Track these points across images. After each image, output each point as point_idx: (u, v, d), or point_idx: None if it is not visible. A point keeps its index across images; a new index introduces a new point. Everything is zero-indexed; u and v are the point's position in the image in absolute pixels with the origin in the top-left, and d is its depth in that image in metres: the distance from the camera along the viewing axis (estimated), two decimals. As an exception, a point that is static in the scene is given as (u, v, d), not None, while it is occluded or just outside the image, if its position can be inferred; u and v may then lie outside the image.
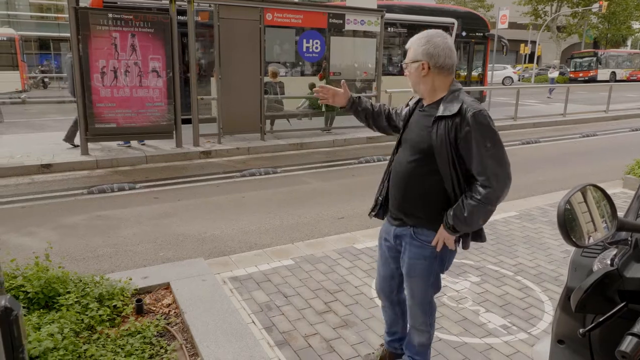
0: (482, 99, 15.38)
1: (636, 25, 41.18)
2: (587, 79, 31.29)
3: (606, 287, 1.19)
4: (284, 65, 12.13)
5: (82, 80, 7.32)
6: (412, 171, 2.03)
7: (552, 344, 1.50)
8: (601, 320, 1.15)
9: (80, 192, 6.11)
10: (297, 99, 11.15)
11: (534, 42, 34.13)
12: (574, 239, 1.13)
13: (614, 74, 32.77)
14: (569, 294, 1.33)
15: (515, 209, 5.29)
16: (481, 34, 14.93)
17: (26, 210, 5.40)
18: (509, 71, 31.55)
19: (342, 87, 2.31)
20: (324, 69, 11.22)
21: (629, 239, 1.26)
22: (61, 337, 2.44)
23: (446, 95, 1.97)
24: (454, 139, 1.89)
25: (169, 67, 7.82)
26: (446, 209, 1.99)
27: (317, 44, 9.80)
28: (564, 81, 31.80)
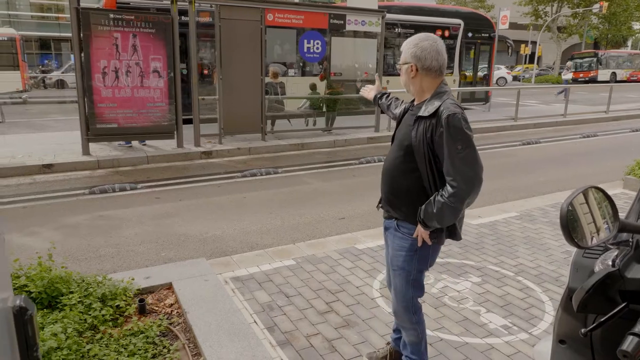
0: (487, 99, 15.44)
1: (636, 25, 41.17)
2: (587, 79, 31.30)
3: (607, 288, 1.20)
4: (290, 66, 12.10)
5: (83, 80, 7.34)
6: (397, 167, 2.15)
7: (553, 343, 1.51)
8: (602, 320, 1.16)
9: (82, 192, 6.13)
10: (300, 99, 11.17)
11: (534, 43, 34.15)
12: (577, 240, 1.14)
13: (614, 74, 32.78)
14: (571, 295, 1.34)
15: (515, 209, 5.31)
16: (487, 35, 14.96)
17: (28, 210, 5.42)
18: (503, 72, 31.59)
19: (376, 80, 2.77)
20: (325, 70, 11.24)
21: (630, 240, 1.28)
22: (65, 337, 2.46)
23: (431, 96, 2.07)
24: (430, 139, 1.98)
25: (170, 68, 7.83)
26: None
27: (317, 44, 9.82)
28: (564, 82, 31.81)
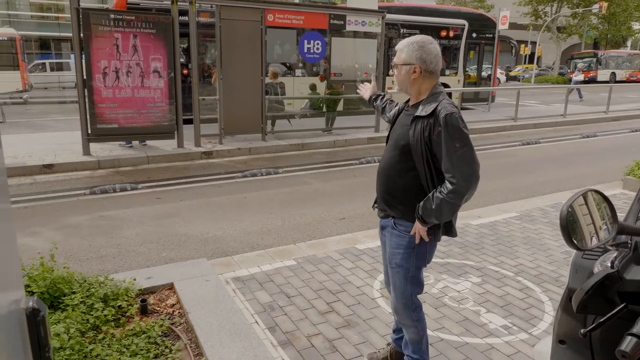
0: (492, 99, 15.55)
1: (636, 26, 41.19)
2: (587, 79, 31.31)
3: (606, 289, 1.21)
4: (296, 66, 12.06)
5: (84, 80, 7.36)
6: (394, 167, 2.19)
7: (553, 343, 1.53)
8: (602, 321, 1.18)
9: (82, 192, 6.14)
10: (302, 100, 11.18)
11: (534, 43, 34.17)
12: (576, 243, 1.15)
13: (613, 74, 32.81)
14: (571, 295, 1.35)
15: (515, 209, 5.32)
16: (490, 35, 15.02)
17: (29, 210, 5.43)
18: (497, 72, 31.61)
19: (372, 80, 2.82)
20: (325, 70, 11.25)
21: (629, 242, 1.29)
22: (67, 337, 2.47)
23: (427, 97, 2.12)
24: (428, 138, 2.04)
25: (170, 68, 7.84)
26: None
27: (318, 44, 9.83)
28: (564, 82, 31.86)
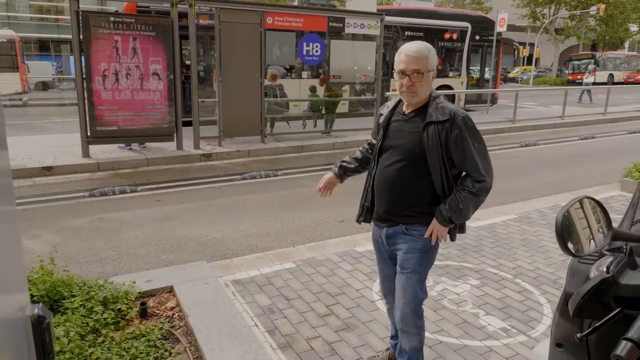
0: (494, 101, 15.70)
1: (633, 27, 41.32)
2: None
3: (602, 293, 1.23)
4: (302, 68, 12.08)
5: (83, 82, 7.37)
6: (404, 175, 2.15)
7: (551, 347, 1.54)
8: (598, 325, 1.19)
9: (82, 194, 6.15)
10: (303, 102, 11.20)
11: (532, 45, 34.25)
12: (572, 249, 1.17)
13: (611, 76, 32.89)
14: (567, 299, 1.37)
15: (514, 211, 5.34)
16: (493, 37, 15.11)
17: (28, 213, 5.43)
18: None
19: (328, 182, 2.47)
20: (324, 72, 11.28)
21: (624, 247, 1.31)
22: (67, 341, 2.48)
23: (430, 101, 2.13)
24: (444, 141, 2.06)
25: (169, 70, 7.86)
26: (434, 206, 2.15)
27: (317, 47, 9.86)
28: (562, 83, 31.92)
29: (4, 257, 0.64)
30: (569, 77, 33.45)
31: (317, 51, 9.89)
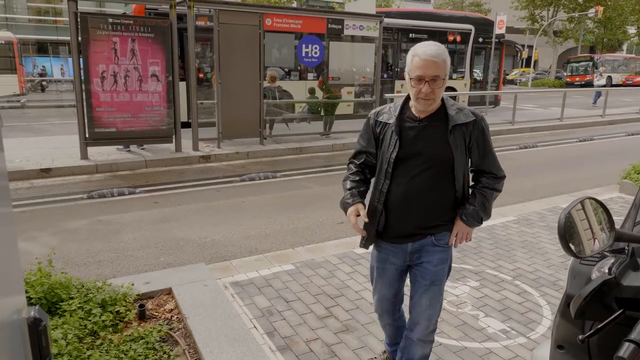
0: (497, 102, 15.80)
1: (631, 30, 41.45)
2: (583, 83, 31.48)
3: (604, 295, 1.22)
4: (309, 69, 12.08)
5: (82, 84, 7.36)
6: (436, 186, 2.02)
7: (552, 349, 1.53)
8: (600, 326, 1.18)
9: (80, 196, 6.13)
10: (313, 102, 11.19)
11: (530, 47, 34.33)
12: (574, 250, 1.16)
13: (610, 78, 32.96)
14: (569, 301, 1.36)
15: (513, 213, 5.34)
16: (496, 40, 15.19)
17: (26, 215, 5.41)
18: None
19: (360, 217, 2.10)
20: (323, 75, 11.28)
21: (626, 248, 1.30)
22: (65, 343, 2.46)
23: (442, 104, 2.03)
24: (468, 142, 2.04)
25: (168, 72, 7.85)
26: (455, 210, 2.09)
27: (316, 48, 9.86)
28: (561, 85, 32.01)
29: (0, 259, 0.63)
30: (568, 80, 33.54)
31: (316, 53, 9.89)
